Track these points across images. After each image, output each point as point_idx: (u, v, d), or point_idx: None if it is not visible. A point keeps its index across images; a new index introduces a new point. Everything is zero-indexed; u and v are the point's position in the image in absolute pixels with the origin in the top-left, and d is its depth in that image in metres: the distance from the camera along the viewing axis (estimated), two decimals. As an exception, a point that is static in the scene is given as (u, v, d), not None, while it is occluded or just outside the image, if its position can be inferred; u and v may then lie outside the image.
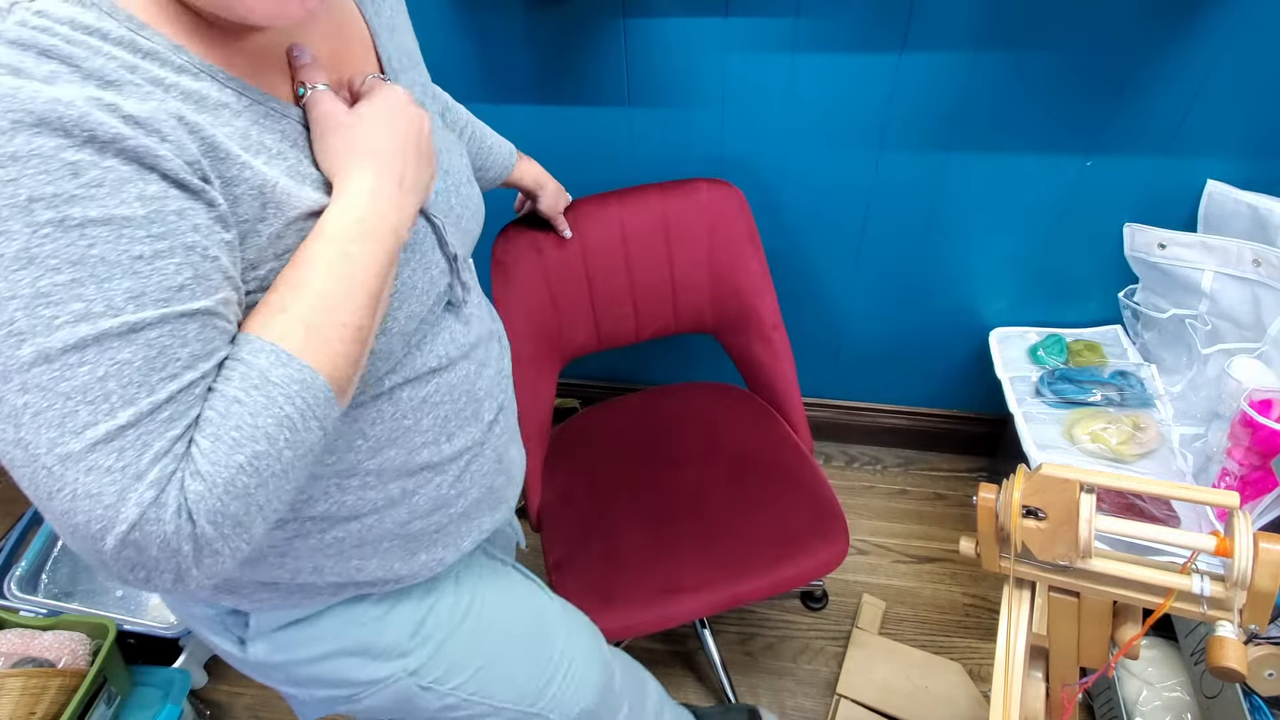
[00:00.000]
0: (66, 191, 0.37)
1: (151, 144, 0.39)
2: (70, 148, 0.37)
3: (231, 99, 0.47)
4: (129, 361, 0.39)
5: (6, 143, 0.36)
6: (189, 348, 0.41)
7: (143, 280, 0.39)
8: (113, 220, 0.38)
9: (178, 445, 0.40)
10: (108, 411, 0.38)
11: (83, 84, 0.38)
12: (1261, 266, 1.16)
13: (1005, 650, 0.82)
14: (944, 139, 1.25)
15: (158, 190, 0.40)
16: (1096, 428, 1.23)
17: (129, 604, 1.46)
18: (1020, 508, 0.73)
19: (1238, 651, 0.71)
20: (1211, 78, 1.11)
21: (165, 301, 0.40)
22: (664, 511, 1.21)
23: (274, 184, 0.46)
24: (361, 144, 0.51)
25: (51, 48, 0.38)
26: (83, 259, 0.37)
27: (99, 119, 0.38)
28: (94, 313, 0.38)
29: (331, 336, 0.46)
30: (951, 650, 1.46)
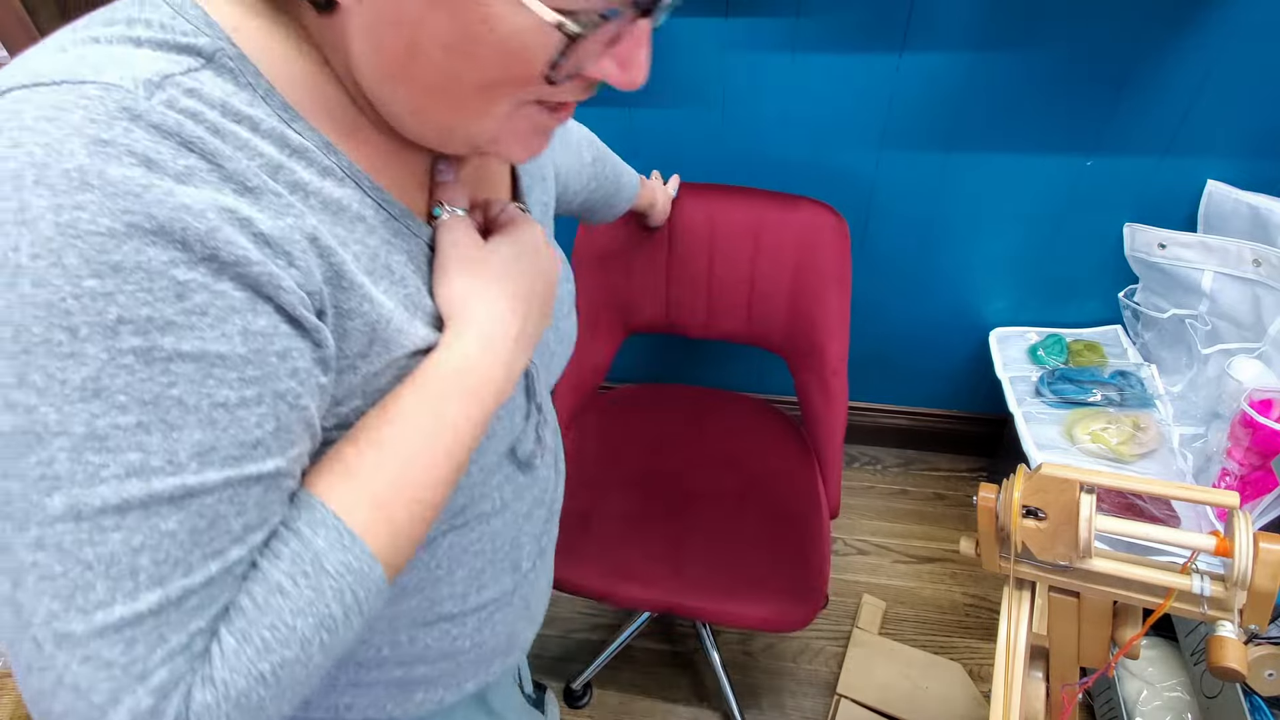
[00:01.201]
0: (164, 316, 0.31)
1: (276, 271, 0.34)
2: (184, 264, 0.31)
3: (370, 212, 0.41)
4: (172, 533, 0.32)
5: (114, 249, 0.30)
6: (245, 517, 0.34)
7: (217, 433, 0.33)
8: (205, 356, 0.32)
9: (196, 641, 0.33)
10: (130, 591, 0.31)
11: (219, 187, 0.33)
12: (1261, 266, 1.16)
13: (1005, 650, 0.82)
14: (944, 139, 1.25)
15: (266, 325, 0.34)
16: (1096, 428, 1.23)
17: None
18: (1020, 508, 0.73)
19: (1238, 651, 0.71)
20: (1211, 78, 1.11)
21: (236, 461, 0.33)
22: (658, 502, 1.21)
23: (388, 319, 0.41)
24: (486, 287, 0.45)
25: (196, 140, 0.33)
26: (157, 399, 0.31)
27: (227, 236, 0.32)
28: (150, 467, 0.31)
29: (401, 517, 0.40)
30: (951, 650, 1.46)
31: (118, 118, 0.31)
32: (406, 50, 0.36)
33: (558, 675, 1.47)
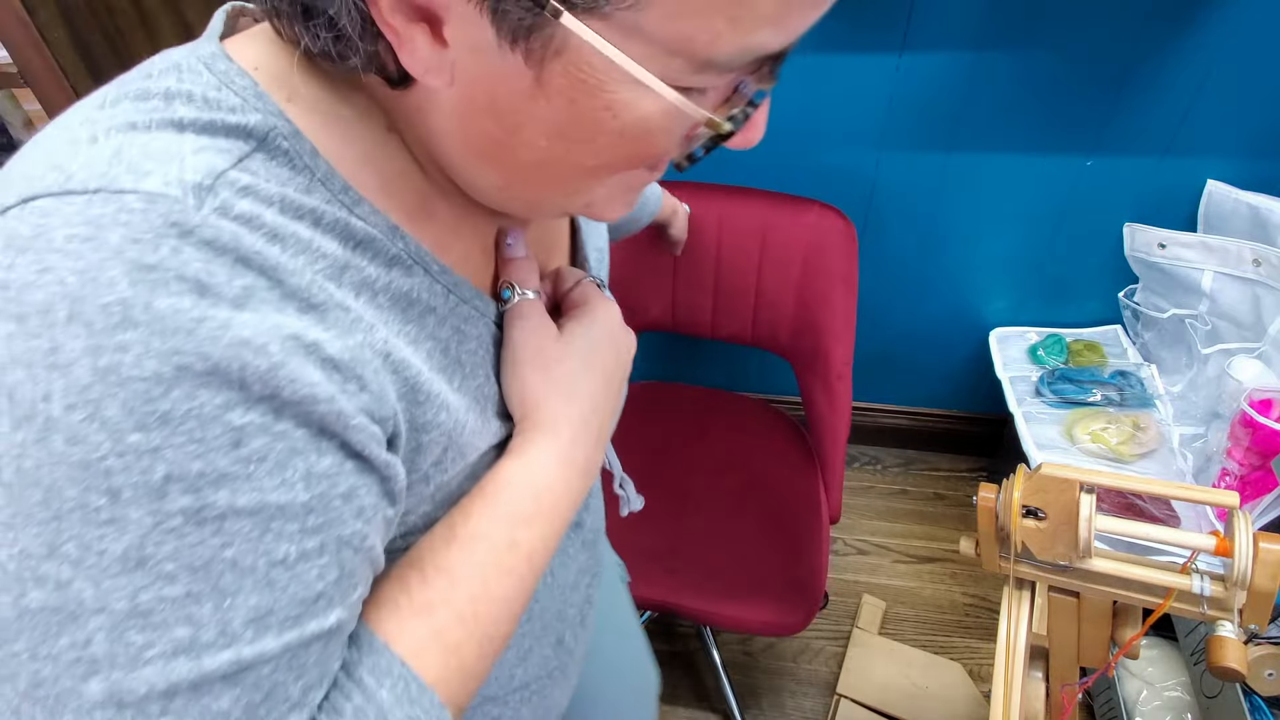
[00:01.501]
0: (217, 469, 0.26)
1: (345, 406, 0.29)
2: (240, 406, 0.27)
3: (440, 301, 0.37)
4: (225, 713, 0.27)
5: (161, 396, 0.25)
6: (305, 679, 0.29)
7: (276, 594, 0.28)
8: (264, 510, 0.27)
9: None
10: None
11: (280, 307, 0.28)
12: (1261, 266, 1.15)
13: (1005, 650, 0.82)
14: (944, 139, 1.25)
15: (331, 465, 0.29)
16: (1096, 428, 1.23)
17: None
18: (1020, 508, 0.73)
19: (1238, 651, 0.71)
20: (1211, 78, 1.11)
21: (295, 621, 0.29)
22: (658, 501, 1.21)
23: (463, 425, 0.37)
24: (565, 387, 0.41)
25: (255, 254, 0.28)
26: (209, 564, 0.27)
27: (291, 372, 0.27)
28: (201, 643, 0.27)
29: (471, 656, 0.35)
30: (951, 650, 1.46)
31: (165, 236, 0.26)
32: (507, 133, 0.32)
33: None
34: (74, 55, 0.85)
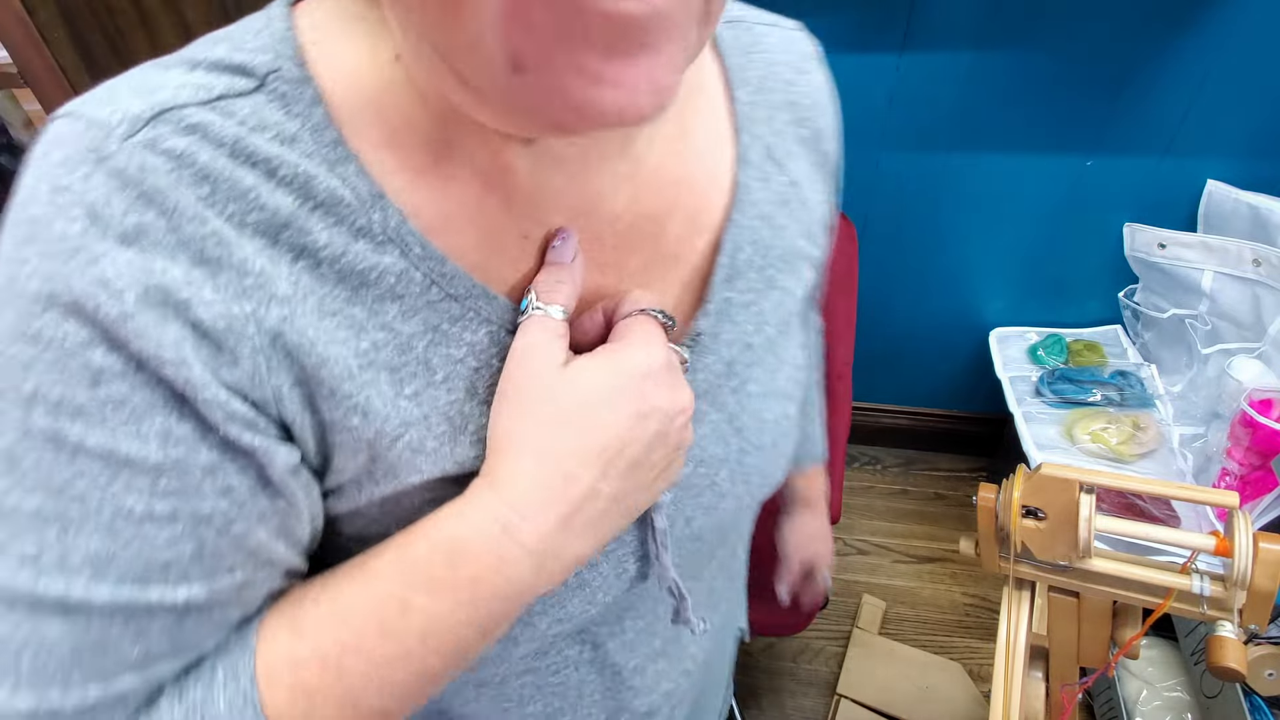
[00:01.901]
0: (75, 401, 0.26)
1: (197, 375, 0.27)
2: (100, 347, 0.26)
3: (412, 289, 0.31)
4: (55, 643, 0.27)
5: (36, 315, 0.26)
6: (145, 644, 0.28)
7: (117, 546, 0.27)
8: (114, 456, 0.27)
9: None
10: (9, 686, 0.27)
11: (171, 255, 0.27)
12: (1261, 266, 1.15)
13: (1005, 650, 0.82)
14: (944, 139, 1.25)
15: (190, 433, 0.28)
16: (1096, 428, 1.23)
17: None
18: (1020, 508, 0.73)
19: (1238, 651, 0.71)
20: (1211, 78, 1.11)
21: (138, 581, 0.28)
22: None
23: (394, 437, 0.31)
24: (541, 437, 0.31)
25: (158, 192, 0.27)
26: (60, 491, 0.27)
27: (139, 326, 0.26)
28: (42, 563, 0.27)
29: (327, 713, 0.31)
30: (951, 650, 1.46)
31: (83, 161, 0.27)
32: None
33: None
34: (74, 55, 0.85)
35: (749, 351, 0.41)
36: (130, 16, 0.93)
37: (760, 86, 0.42)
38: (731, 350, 0.41)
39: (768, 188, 0.41)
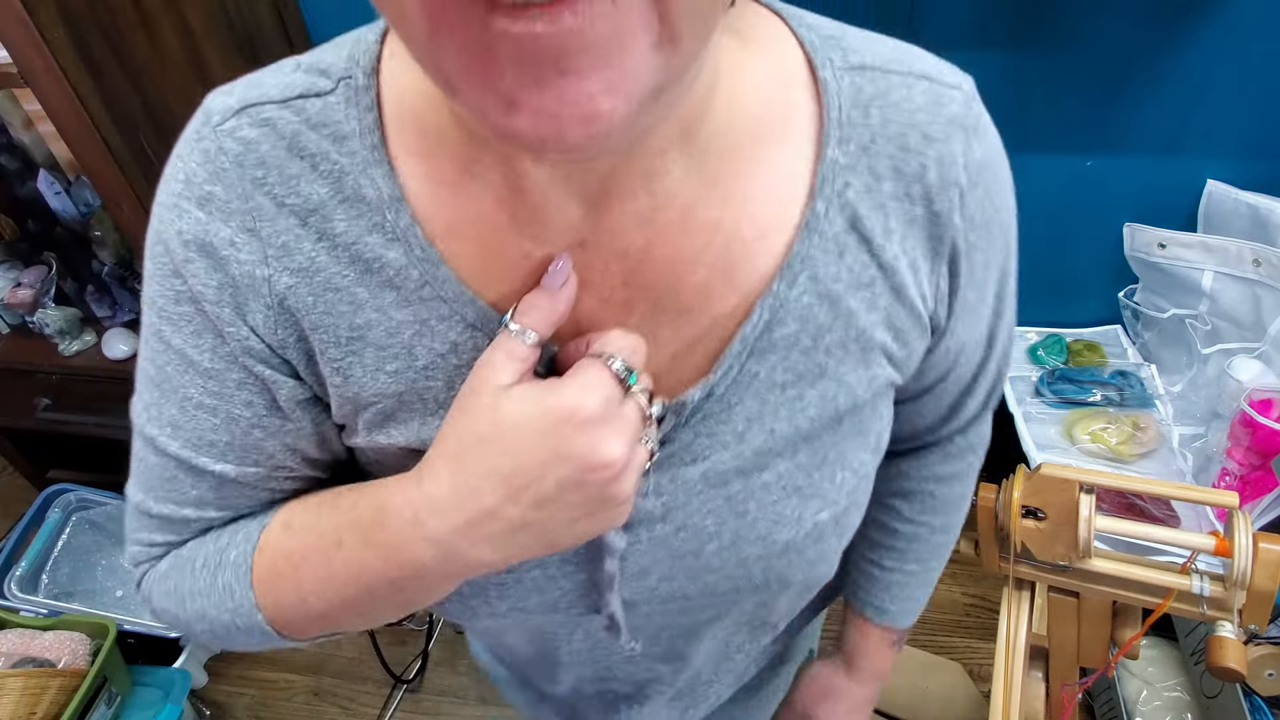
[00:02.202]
0: (165, 310, 0.37)
1: (226, 314, 0.35)
2: (177, 277, 0.36)
3: (408, 283, 0.35)
4: (152, 467, 0.40)
5: (153, 244, 0.37)
6: (198, 492, 0.40)
7: (184, 418, 0.38)
8: (184, 355, 0.37)
9: (156, 547, 0.42)
10: (136, 483, 0.42)
11: (226, 220, 0.35)
12: (1261, 266, 1.15)
13: (1005, 650, 0.82)
14: (944, 139, 1.25)
15: (228, 354, 0.37)
16: (1096, 428, 1.23)
17: (129, 604, 1.46)
18: (1020, 508, 0.73)
19: (1237, 651, 0.71)
20: (1211, 78, 1.11)
21: (193, 447, 0.38)
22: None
23: (370, 404, 0.38)
24: (464, 447, 0.34)
25: (224, 171, 0.35)
26: (161, 369, 0.38)
27: (194, 270, 0.35)
28: (150, 415, 0.39)
29: (287, 597, 0.39)
30: (951, 650, 1.46)
31: (192, 138, 0.36)
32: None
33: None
34: (74, 55, 0.85)
35: (772, 437, 0.39)
36: (130, 16, 0.93)
37: (867, 148, 0.36)
38: (749, 429, 0.39)
39: (841, 263, 0.37)
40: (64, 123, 0.89)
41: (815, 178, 0.36)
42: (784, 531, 0.41)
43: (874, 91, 0.37)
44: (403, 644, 1.55)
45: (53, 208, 1.25)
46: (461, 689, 1.49)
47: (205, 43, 1.05)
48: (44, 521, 1.43)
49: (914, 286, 0.38)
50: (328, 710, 1.47)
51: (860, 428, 0.41)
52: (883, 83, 0.37)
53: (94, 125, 0.88)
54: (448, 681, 1.50)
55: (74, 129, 0.89)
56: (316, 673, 1.53)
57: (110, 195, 0.95)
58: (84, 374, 1.27)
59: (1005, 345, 0.47)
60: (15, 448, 1.51)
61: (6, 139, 1.25)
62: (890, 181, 0.37)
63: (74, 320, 1.25)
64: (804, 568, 0.43)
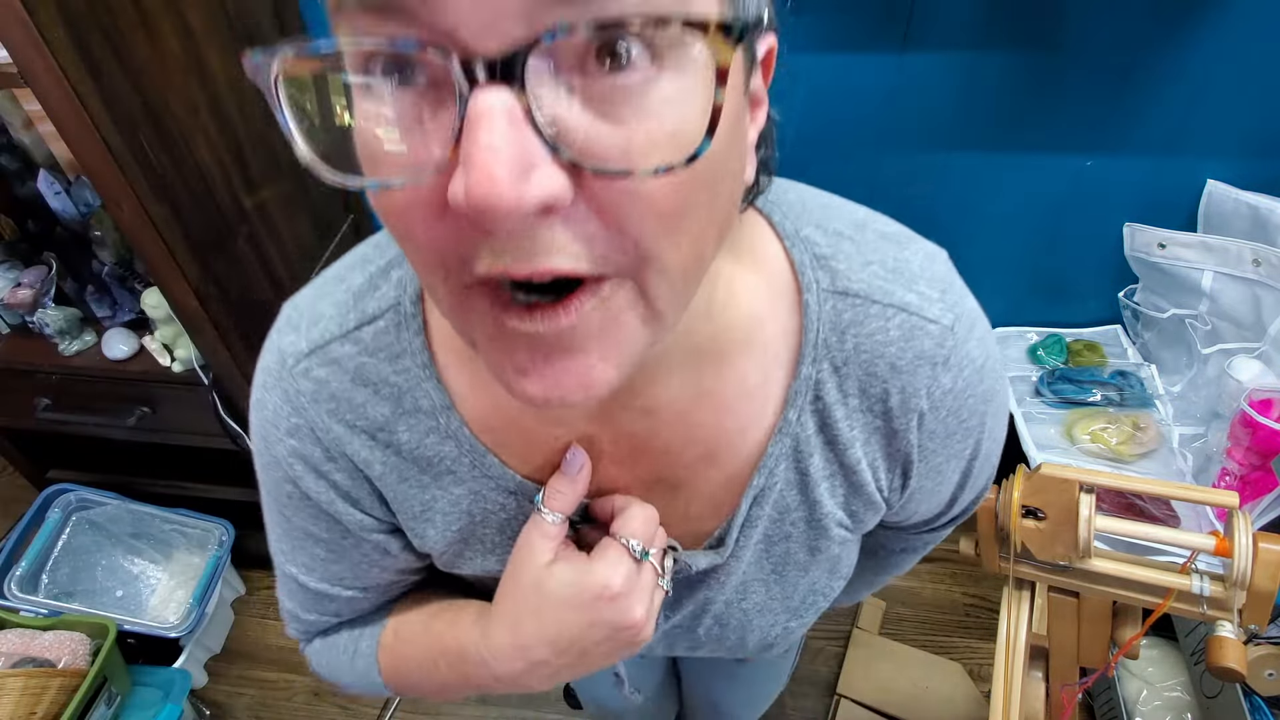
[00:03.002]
0: (285, 502, 0.48)
1: (340, 507, 0.47)
2: (288, 483, 0.46)
3: (463, 468, 0.45)
4: (295, 591, 0.53)
5: (263, 456, 0.47)
6: (336, 605, 0.53)
7: (315, 564, 0.51)
8: (308, 531, 0.49)
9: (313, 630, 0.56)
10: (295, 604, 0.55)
11: (315, 442, 0.45)
12: (1261, 266, 1.16)
13: (1005, 650, 0.82)
14: (944, 139, 1.25)
15: (343, 531, 0.48)
16: (1096, 428, 1.23)
17: (129, 604, 1.46)
18: (1020, 508, 0.73)
19: (1237, 651, 0.71)
20: (1211, 78, 1.11)
21: (326, 582, 0.51)
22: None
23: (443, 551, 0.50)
24: (519, 616, 0.44)
25: (304, 409, 0.44)
26: (287, 533, 0.50)
27: (306, 483, 0.46)
28: (293, 562, 0.51)
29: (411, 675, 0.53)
30: (951, 650, 1.46)
31: (274, 380, 0.44)
32: None
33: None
34: (74, 55, 0.85)
35: (751, 579, 0.50)
36: (130, 16, 0.92)
37: (839, 368, 0.42)
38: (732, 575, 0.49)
39: (810, 461, 0.44)
40: (64, 123, 0.89)
41: (789, 389, 0.42)
42: (756, 636, 0.54)
43: (852, 318, 0.41)
44: (403, 644, 1.55)
45: (53, 208, 1.25)
46: (461, 689, 1.49)
47: (205, 43, 1.05)
48: (44, 521, 1.42)
49: (872, 482, 0.46)
50: (328, 710, 1.47)
51: (825, 566, 0.51)
52: (862, 312, 0.41)
53: (94, 125, 0.88)
54: (448, 681, 1.50)
55: (74, 129, 0.89)
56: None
57: (110, 195, 0.95)
58: (84, 374, 1.27)
59: (974, 494, 0.54)
60: (15, 448, 1.50)
61: (6, 139, 1.25)
62: (857, 398, 0.43)
63: (74, 320, 1.25)
64: (770, 647, 0.57)
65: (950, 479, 0.49)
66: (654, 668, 0.89)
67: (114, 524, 1.49)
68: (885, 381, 0.42)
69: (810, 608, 0.53)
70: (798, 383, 0.42)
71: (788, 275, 0.42)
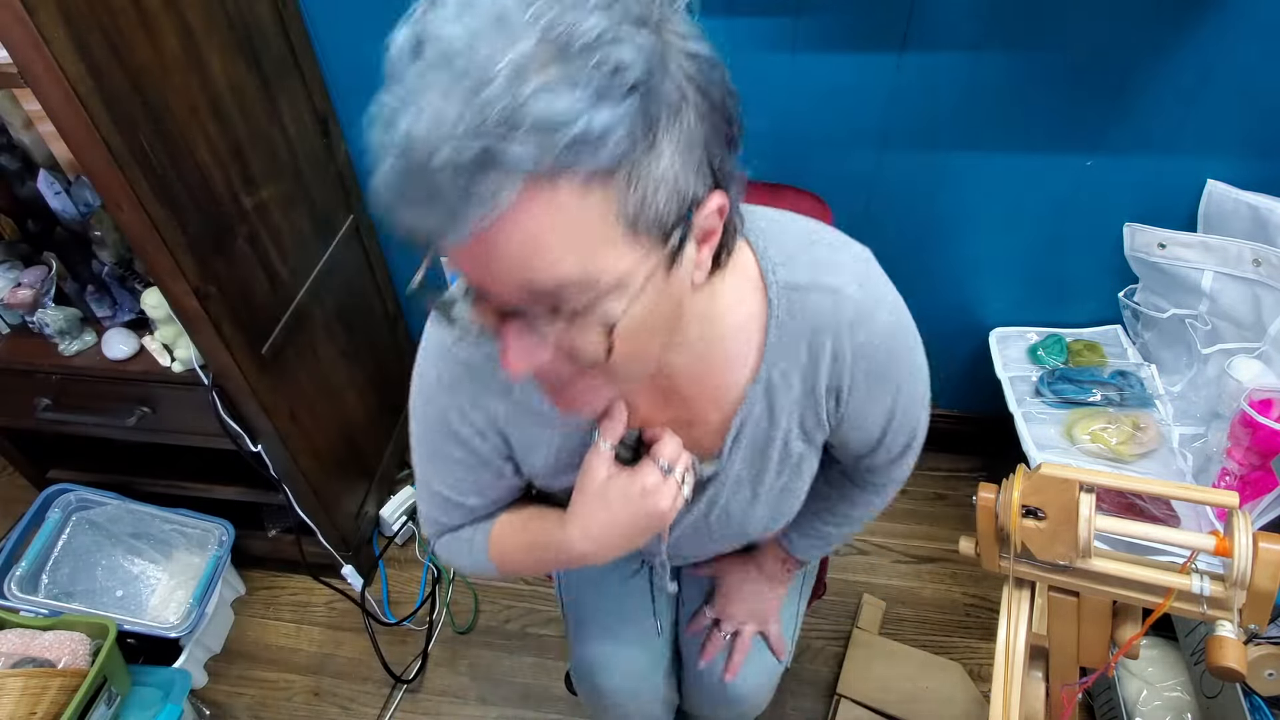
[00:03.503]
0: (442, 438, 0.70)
1: (478, 445, 0.70)
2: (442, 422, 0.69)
3: (558, 418, 0.67)
4: (434, 496, 0.76)
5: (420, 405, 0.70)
6: (460, 513, 0.77)
7: (452, 479, 0.73)
8: (452, 458, 0.71)
9: (440, 527, 0.79)
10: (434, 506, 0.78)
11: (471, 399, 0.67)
12: (1261, 266, 1.16)
13: (1005, 650, 0.82)
14: (944, 139, 1.25)
15: (480, 459, 0.71)
16: (1096, 428, 1.23)
17: (129, 604, 1.46)
18: (1020, 507, 0.73)
19: (1237, 651, 0.71)
20: (1211, 78, 1.11)
21: (457, 492, 0.75)
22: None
23: (539, 475, 0.73)
24: (588, 511, 0.66)
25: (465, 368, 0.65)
26: (432, 457, 0.73)
27: (457, 429, 0.69)
28: (429, 474, 0.74)
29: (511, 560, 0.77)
30: (951, 650, 1.46)
31: (435, 354, 0.67)
32: None
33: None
34: (74, 55, 0.85)
35: (743, 482, 0.72)
36: (130, 16, 0.92)
37: (793, 336, 0.63)
38: (732, 480, 0.72)
39: (775, 399, 0.66)
40: (64, 123, 0.89)
41: (761, 352, 0.64)
42: (754, 527, 0.78)
43: (800, 301, 0.62)
44: (403, 644, 1.55)
45: (53, 208, 1.25)
46: (461, 689, 1.49)
47: (205, 43, 1.05)
48: (44, 521, 1.42)
49: (816, 411, 0.67)
50: (328, 710, 1.47)
51: (789, 471, 0.73)
52: (805, 296, 0.62)
53: (94, 125, 0.88)
54: (448, 681, 1.50)
55: (74, 129, 0.89)
56: (316, 673, 1.53)
57: (110, 195, 0.95)
58: (84, 374, 1.27)
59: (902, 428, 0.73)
60: (15, 448, 1.50)
61: (6, 139, 1.25)
62: (805, 355, 0.64)
63: (74, 320, 1.25)
64: (768, 531, 0.80)
65: (875, 416, 0.69)
66: (657, 658, 1.00)
67: (114, 524, 1.49)
68: (822, 339, 0.63)
69: (784, 502, 0.76)
70: (766, 349, 0.63)
71: (758, 279, 0.62)
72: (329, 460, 1.47)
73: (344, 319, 1.49)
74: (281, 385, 1.29)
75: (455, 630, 1.57)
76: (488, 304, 0.46)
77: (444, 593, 1.62)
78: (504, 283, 0.42)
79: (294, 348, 1.33)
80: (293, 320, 1.31)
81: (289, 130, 1.27)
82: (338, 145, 1.41)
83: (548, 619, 1.57)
